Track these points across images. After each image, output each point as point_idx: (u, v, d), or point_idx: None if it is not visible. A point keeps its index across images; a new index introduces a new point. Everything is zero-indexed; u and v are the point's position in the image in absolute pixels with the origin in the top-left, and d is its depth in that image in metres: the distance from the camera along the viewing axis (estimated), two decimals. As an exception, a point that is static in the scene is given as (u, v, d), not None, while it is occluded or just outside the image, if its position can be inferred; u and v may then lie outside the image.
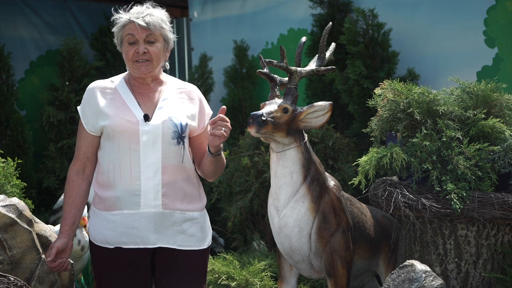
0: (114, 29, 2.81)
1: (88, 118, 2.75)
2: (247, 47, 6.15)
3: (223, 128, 2.67)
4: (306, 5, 5.48)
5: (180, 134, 2.75)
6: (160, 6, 2.83)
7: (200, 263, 2.86)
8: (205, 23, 6.71)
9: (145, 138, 2.69)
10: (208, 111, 2.94)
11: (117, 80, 2.85)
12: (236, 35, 6.26)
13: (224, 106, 2.73)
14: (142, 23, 2.70)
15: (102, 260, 2.80)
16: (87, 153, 2.78)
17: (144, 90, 2.81)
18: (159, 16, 2.77)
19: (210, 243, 2.91)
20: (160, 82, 2.85)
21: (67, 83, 6.05)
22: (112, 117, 2.70)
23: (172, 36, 2.82)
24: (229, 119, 2.73)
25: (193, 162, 2.91)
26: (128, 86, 2.81)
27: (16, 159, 3.61)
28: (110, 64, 6.50)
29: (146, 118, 2.71)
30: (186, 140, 2.80)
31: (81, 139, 2.78)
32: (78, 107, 2.82)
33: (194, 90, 2.90)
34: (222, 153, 2.81)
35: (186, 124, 2.77)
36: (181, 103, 2.82)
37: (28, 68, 6.38)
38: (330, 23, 3.29)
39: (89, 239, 2.84)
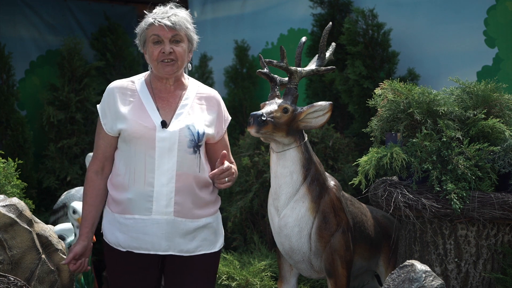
0: (137, 30, 2.78)
1: (107, 119, 2.73)
2: (247, 47, 6.15)
3: (227, 178, 2.72)
4: (306, 5, 5.48)
5: (196, 143, 2.73)
6: (183, 7, 2.82)
7: (211, 266, 2.85)
8: (205, 23, 6.72)
9: (161, 145, 2.67)
10: (227, 117, 2.93)
11: (138, 81, 2.80)
12: (236, 35, 6.26)
13: (224, 152, 2.73)
14: (168, 23, 2.68)
15: (114, 260, 2.81)
16: (105, 152, 2.76)
17: (164, 94, 2.78)
18: (184, 16, 2.76)
19: (223, 245, 2.90)
20: (181, 85, 2.83)
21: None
22: (130, 121, 2.68)
23: (196, 37, 2.81)
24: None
25: None
26: (148, 89, 2.77)
27: (16, 159, 3.61)
28: (110, 64, 6.50)
29: (164, 124, 2.69)
30: (203, 149, 2.78)
31: (100, 139, 2.77)
32: (98, 106, 2.78)
33: (214, 96, 2.89)
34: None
35: (204, 133, 2.75)
36: (200, 109, 2.80)
37: (28, 68, 6.38)
38: (330, 23, 3.29)
39: (103, 239, 2.85)
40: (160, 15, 2.71)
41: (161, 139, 2.67)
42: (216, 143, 2.85)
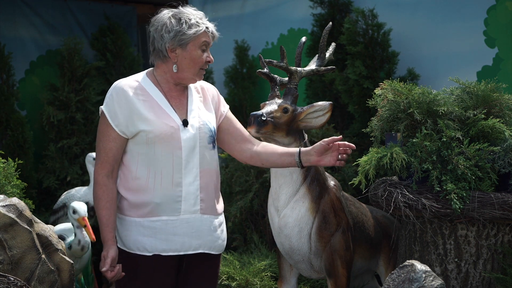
0: (175, 27, 2.63)
1: (120, 120, 2.62)
2: (247, 47, 6.15)
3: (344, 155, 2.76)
4: (306, 5, 5.48)
5: (214, 138, 2.74)
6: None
7: (218, 265, 2.88)
8: (205, 23, 6.71)
9: (186, 144, 2.65)
10: (220, 98, 2.89)
11: (143, 80, 2.71)
12: (236, 35, 6.26)
13: (341, 136, 2.75)
14: (216, 32, 2.73)
15: (136, 267, 2.70)
16: (116, 155, 2.66)
17: (175, 93, 2.73)
18: None
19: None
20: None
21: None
22: (154, 122, 2.61)
23: None
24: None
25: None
26: (158, 88, 2.70)
27: (16, 159, 3.61)
28: (110, 64, 6.49)
29: (185, 123, 2.67)
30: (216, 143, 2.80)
31: (110, 141, 2.65)
32: (102, 107, 2.66)
33: (201, 85, 2.84)
34: None
35: (215, 127, 2.77)
36: (201, 102, 2.79)
37: (28, 68, 6.38)
38: (330, 23, 3.30)
39: (119, 248, 2.72)
40: (206, 22, 2.72)
41: (186, 138, 2.65)
42: (222, 122, 2.84)
